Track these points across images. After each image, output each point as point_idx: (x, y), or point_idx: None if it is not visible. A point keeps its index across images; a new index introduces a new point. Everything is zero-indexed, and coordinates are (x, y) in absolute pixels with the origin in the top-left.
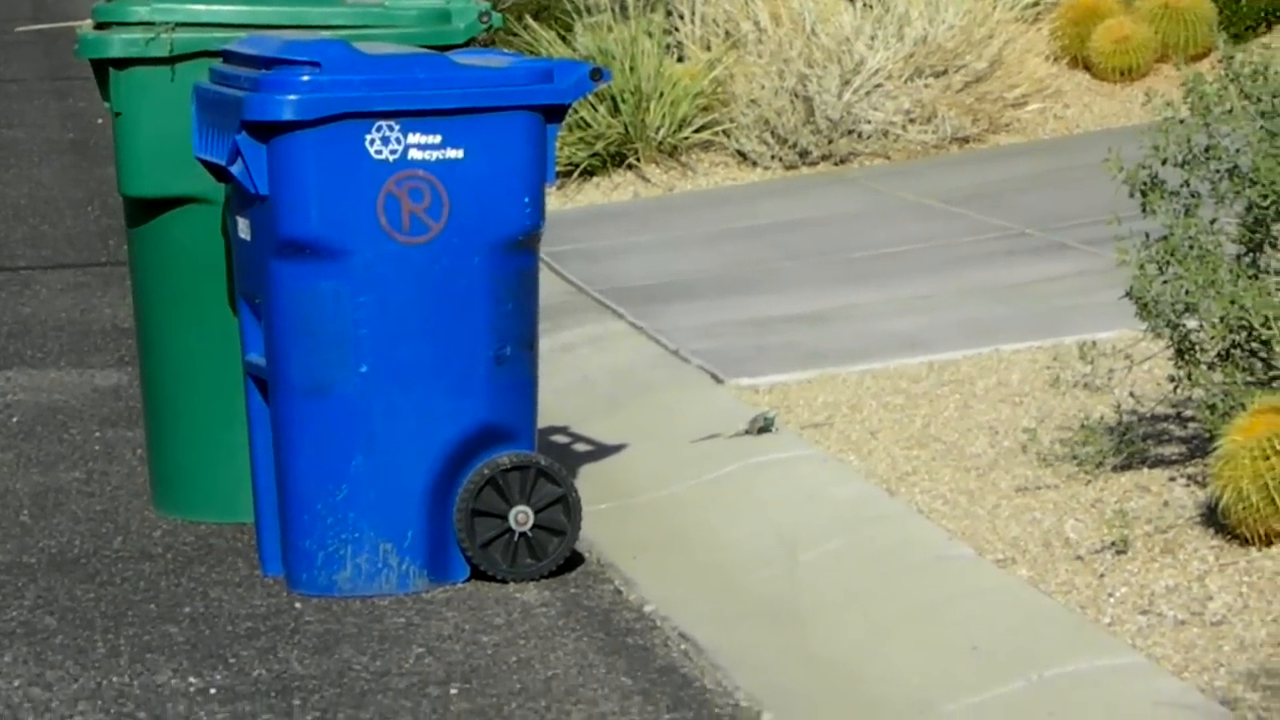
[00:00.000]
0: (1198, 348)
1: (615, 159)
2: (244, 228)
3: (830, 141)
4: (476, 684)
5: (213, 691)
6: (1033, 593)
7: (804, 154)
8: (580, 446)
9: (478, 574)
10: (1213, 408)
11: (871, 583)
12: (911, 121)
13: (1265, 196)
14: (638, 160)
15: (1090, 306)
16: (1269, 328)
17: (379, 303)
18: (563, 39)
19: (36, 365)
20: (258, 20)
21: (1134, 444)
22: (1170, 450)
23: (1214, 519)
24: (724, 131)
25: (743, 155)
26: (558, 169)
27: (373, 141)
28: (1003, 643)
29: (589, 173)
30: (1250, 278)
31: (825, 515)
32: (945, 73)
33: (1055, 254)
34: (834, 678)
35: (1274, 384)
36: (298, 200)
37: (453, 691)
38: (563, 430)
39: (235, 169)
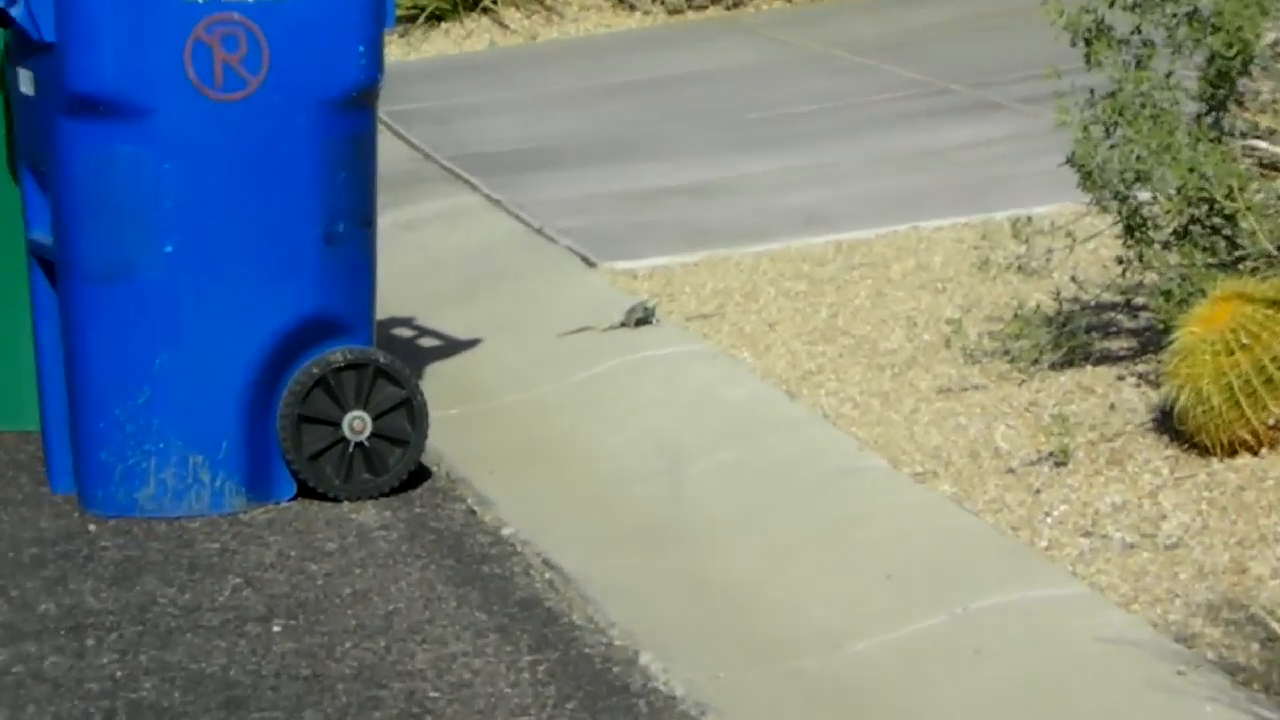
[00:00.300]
0: (1150, 224)
1: (468, 1)
2: (26, 81)
3: None
4: (304, 620)
5: None
6: (957, 511)
7: None
8: (427, 341)
9: (306, 491)
10: (1168, 294)
11: (769, 500)
12: None
13: (1230, 45)
14: (494, 3)
15: (1025, 176)
16: (1233, 199)
17: (187, 171)
18: None
19: None
20: None
21: (1076, 337)
22: (1118, 345)
23: (1168, 425)
24: None
25: None
26: (399, 12)
27: None
28: (922, 570)
29: (436, 17)
30: (1212, 141)
31: (715, 422)
32: None
33: (984, 114)
34: (724, 611)
35: (1238, 266)
36: (89, 47)
37: (275, 629)
38: (406, 322)
39: (15, 11)
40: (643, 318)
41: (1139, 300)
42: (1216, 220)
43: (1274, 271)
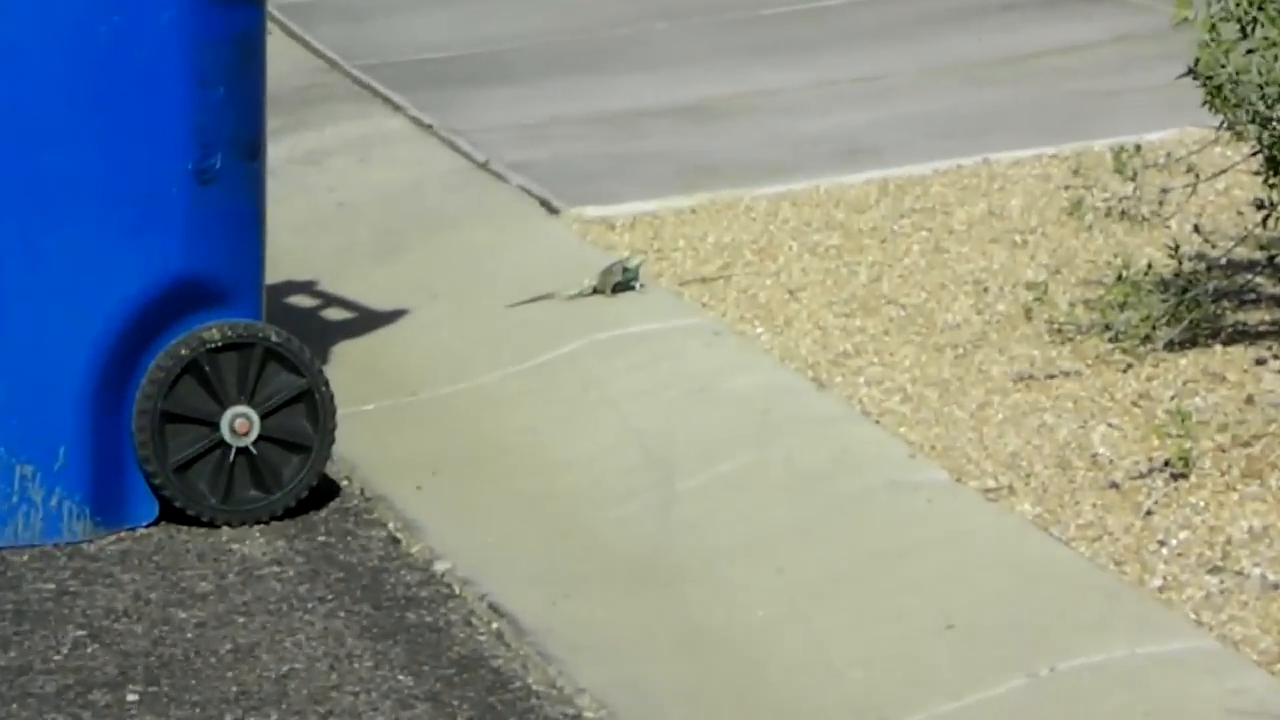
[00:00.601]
0: None
1: None
2: None
3: None
4: (168, 686)
5: None
6: (1041, 539)
7: None
8: (335, 313)
9: (172, 514)
10: None
11: (789, 524)
12: None
13: None
14: None
15: (1131, 92)
16: None
17: (6, 81)
18: None
19: None
20: None
21: (1200, 307)
22: (1256, 317)
23: None
24: None
25: None
26: None
27: None
28: (993, 618)
29: None
30: None
31: (718, 420)
32: None
33: (1078, 9)
34: (729, 673)
35: None
36: None
37: (130, 698)
38: (307, 288)
39: None
40: (622, 281)
41: None
42: None
43: None
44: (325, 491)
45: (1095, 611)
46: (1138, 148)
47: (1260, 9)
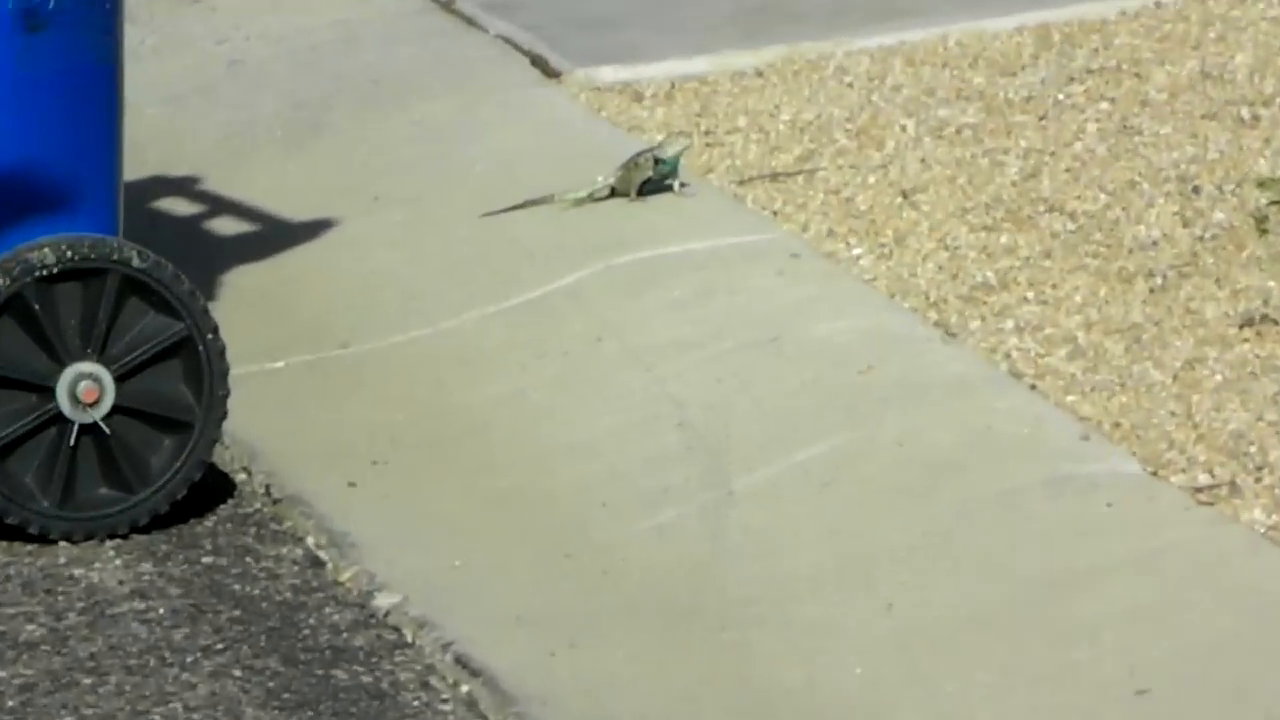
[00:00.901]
0: None
1: None
2: None
3: None
4: None
5: None
6: (1277, 562)
7: None
8: (227, 225)
9: None
10: None
11: (901, 539)
12: None
13: None
14: None
15: None
16: None
17: None
18: None
19: None
20: None
21: None
22: None
23: None
24: None
25: None
26: None
27: None
28: (1205, 680)
29: None
30: None
31: (795, 385)
32: None
33: None
34: None
35: None
36: None
37: None
38: (186, 187)
39: None
40: (654, 179)
41: None
42: None
43: None
44: (214, 490)
45: None
46: None
47: None
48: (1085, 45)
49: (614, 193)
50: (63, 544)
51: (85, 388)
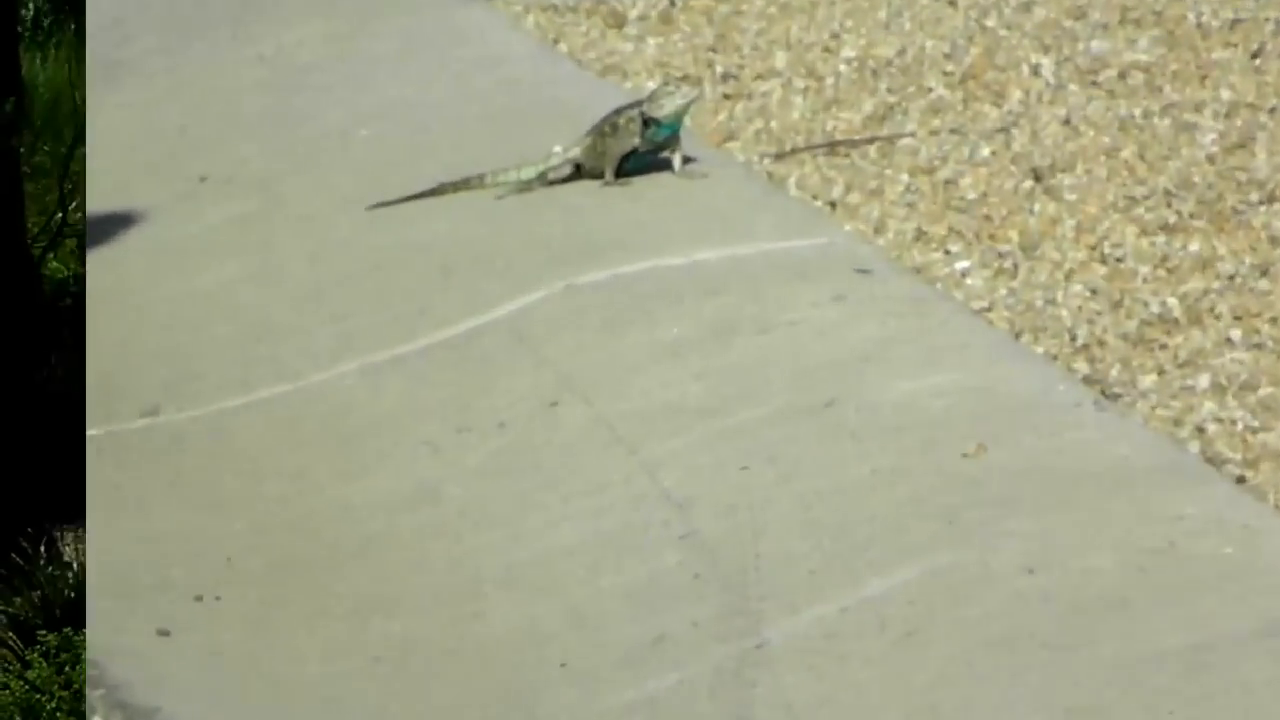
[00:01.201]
0: None
1: None
2: None
3: None
4: None
5: None
6: None
7: None
8: None
9: None
10: None
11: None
12: None
13: None
14: None
15: None
16: None
17: None
18: None
19: None
20: None
21: None
22: None
23: None
24: None
25: None
26: None
27: None
28: None
29: None
30: None
31: (864, 472)
32: None
33: None
34: None
35: None
36: None
37: None
38: None
39: None
40: (644, 150)
41: None
42: None
43: None
44: None
45: None
46: None
47: None
48: None
49: (579, 172)
50: None
51: None
